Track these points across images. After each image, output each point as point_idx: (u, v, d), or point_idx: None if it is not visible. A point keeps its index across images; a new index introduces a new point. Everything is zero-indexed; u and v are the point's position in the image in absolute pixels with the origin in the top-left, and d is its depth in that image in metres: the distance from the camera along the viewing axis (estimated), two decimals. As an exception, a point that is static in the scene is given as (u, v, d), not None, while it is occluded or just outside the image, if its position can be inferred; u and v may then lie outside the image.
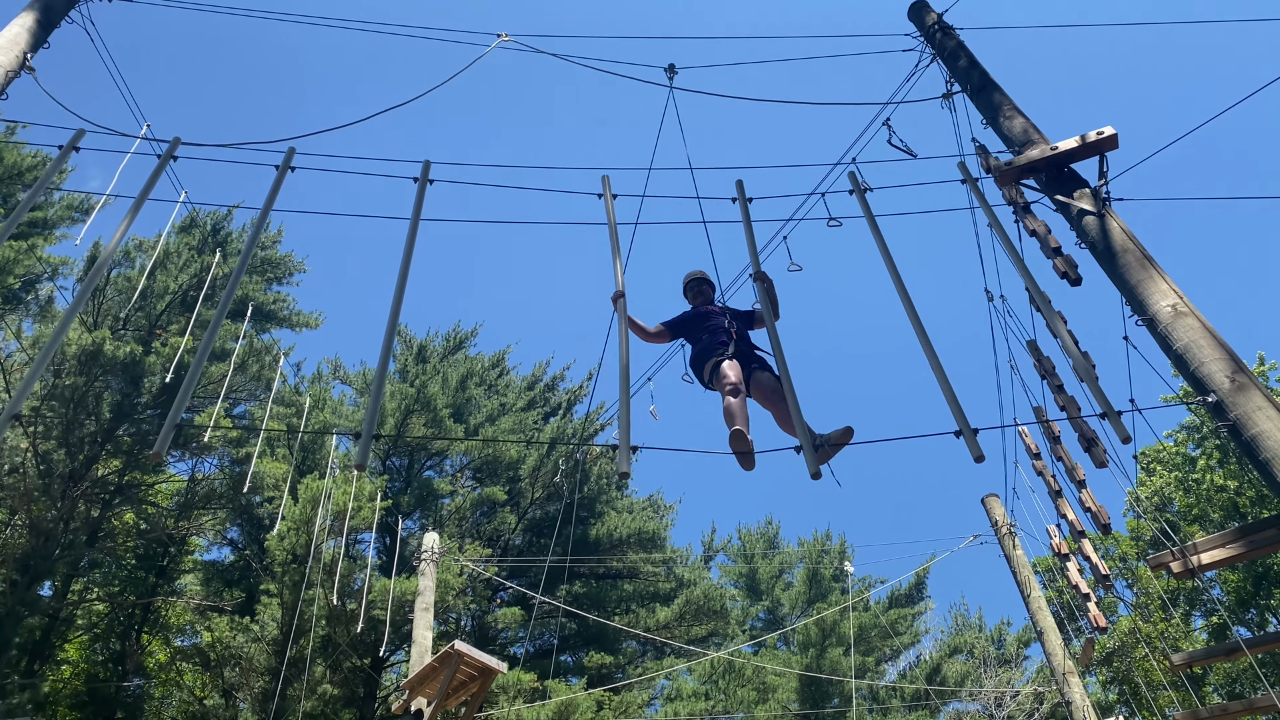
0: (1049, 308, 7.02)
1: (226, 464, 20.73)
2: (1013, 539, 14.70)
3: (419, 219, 6.68)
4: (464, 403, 21.96)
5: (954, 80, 9.05)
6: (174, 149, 7.14)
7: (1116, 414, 5.69)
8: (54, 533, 16.60)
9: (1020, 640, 29.98)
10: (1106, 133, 7.09)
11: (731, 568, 29.66)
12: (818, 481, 5.22)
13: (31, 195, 6.91)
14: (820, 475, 5.20)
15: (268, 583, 18.03)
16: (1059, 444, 10.19)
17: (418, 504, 20.21)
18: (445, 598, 16.68)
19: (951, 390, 5.68)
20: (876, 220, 7.37)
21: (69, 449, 17.27)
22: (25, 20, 8.20)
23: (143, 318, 18.76)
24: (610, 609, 20.39)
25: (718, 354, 6.41)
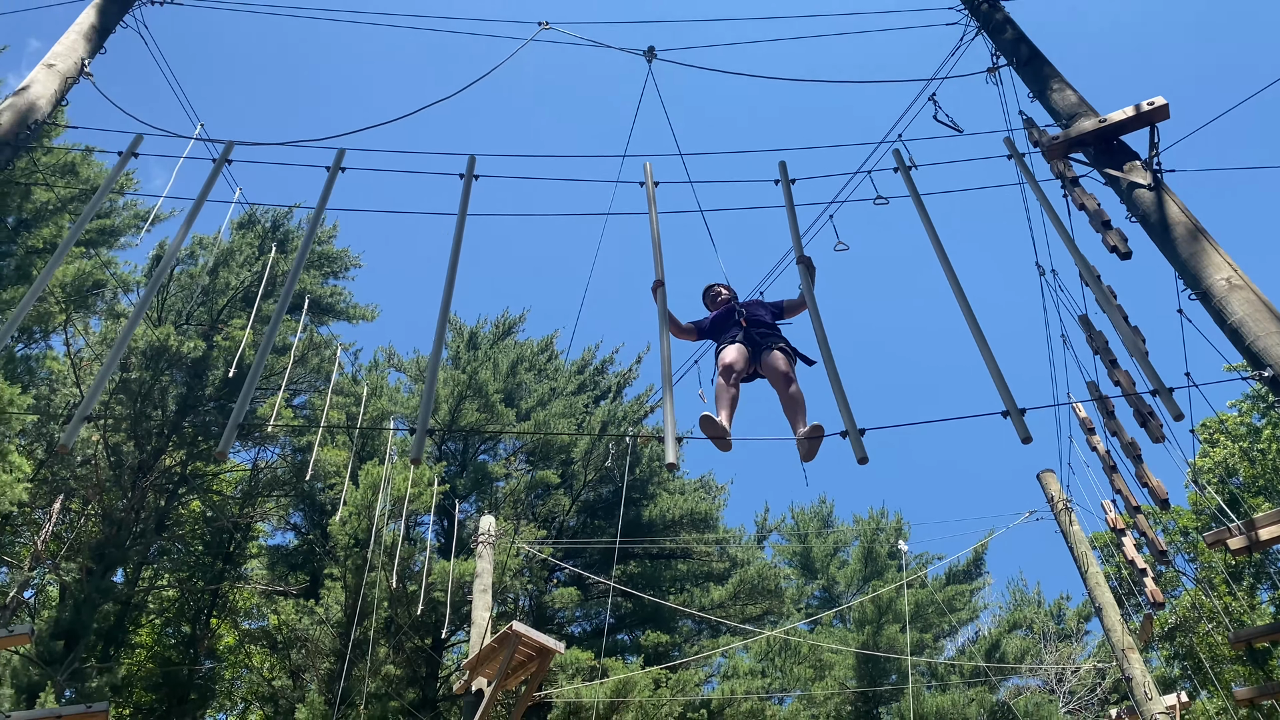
0: (1098, 283, 6.95)
1: (288, 452, 21.26)
2: (1069, 515, 14.55)
3: (466, 214, 6.81)
4: (515, 387, 22.24)
5: (1000, 54, 8.93)
6: (228, 153, 7.33)
7: (1169, 391, 5.63)
8: (125, 522, 17.18)
9: (1080, 615, 29.63)
10: (1157, 103, 6.96)
11: (785, 547, 29.68)
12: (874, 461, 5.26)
13: (96, 200, 7.16)
14: (867, 459, 5.25)
15: (331, 566, 18.49)
16: (1113, 419, 10.07)
17: (473, 487, 20.53)
18: (502, 579, 16.97)
19: (999, 371, 5.67)
20: (922, 198, 7.36)
21: (137, 441, 17.85)
22: (81, 26, 8.44)
23: (205, 313, 19.28)
24: (665, 589, 20.57)
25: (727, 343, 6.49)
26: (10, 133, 7.00)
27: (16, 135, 7.04)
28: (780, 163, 7.60)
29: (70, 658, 15.01)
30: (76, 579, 16.71)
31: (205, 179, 7.13)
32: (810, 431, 5.62)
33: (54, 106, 7.62)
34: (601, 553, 20.61)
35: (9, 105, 7.24)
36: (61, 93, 7.81)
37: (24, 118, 7.21)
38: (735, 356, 6.27)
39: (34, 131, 7.31)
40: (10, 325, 6.21)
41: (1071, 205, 7.75)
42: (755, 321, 6.67)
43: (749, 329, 6.56)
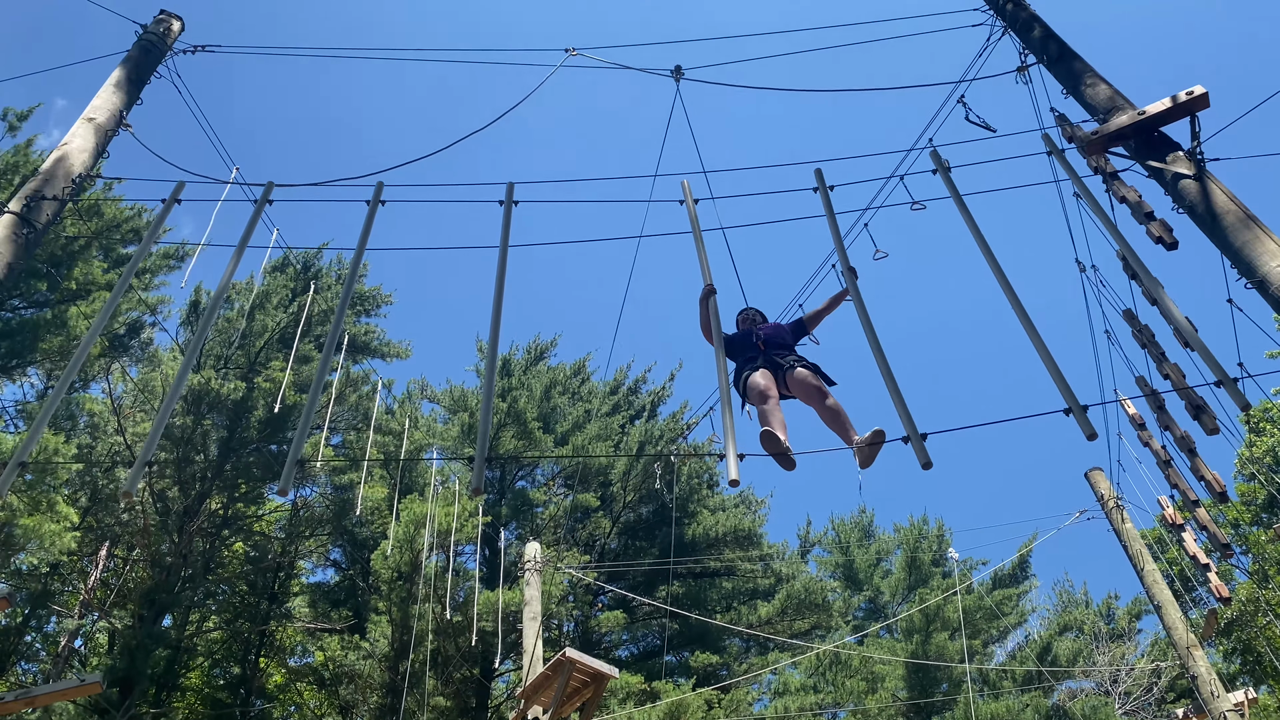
0: (1148, 274, 6.87)
1: (328, 490, 21.37)
2: (1120, 512, 14.35)
3: (508, 242, 6.84)
4: (549, 412, 22.28)
5: (1029, 52, 8.89)
6: (269, 193, 7.41)
7: (1233, 380, 5.55)
8: (174, 567, 17.31)
9: (1130, 614, 29.17)
10: (1196, 92, 6.89)
11: (828, 559, 29.46)
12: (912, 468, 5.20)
13: (143, 247, 7.25)
14: (931, 465, 5.19)
15: (376, 600, 18.54)
16: (1164, 413, 9.93)
17: (513, 514, 20.55)
18: (548, 605, 16.93)
19: (1058, 368, 5.60)
20: (953, 200, 7.32)
21: (181, 486, 18.00)
22: (116, 78, 8.58)
23: (243, 356, 19.47)
24: (711, 608, 20.45)
25: (748, 368, 6.48)
26: (56, 188, 7.11)
27: (63, 190, 7.15)
28: (816, 170, 7.61)
29: (127, 704, 15.10)
30: (128, 625, 16.82)
31: (239, 221, 7.23)
32: (871, 437, 5.56)
33: (96, 159, 7.74)
34: (644, 574, 20.53)
35: (55, 160, 7.37)
36: (102, 145, 7.94)
37: (69, 172, 7.33)
38: (765, 383, 6.25)
39: (79, 185, 7.43)
40: (63, 383, 6.29)
41: (1112, 199, 7.68)
42: (772, 343, 6.65)
43: (767, 351, 6.54)
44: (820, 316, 7.16)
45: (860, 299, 6.15)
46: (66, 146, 7.54)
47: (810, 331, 7.17)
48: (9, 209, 6.78)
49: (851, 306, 6.38)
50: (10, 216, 6.70)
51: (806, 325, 7.14)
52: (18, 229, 6.65)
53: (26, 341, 16.63)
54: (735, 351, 6.86)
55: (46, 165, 7.33)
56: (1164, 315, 7.13)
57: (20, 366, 17.50)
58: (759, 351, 6.59)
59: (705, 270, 6.92)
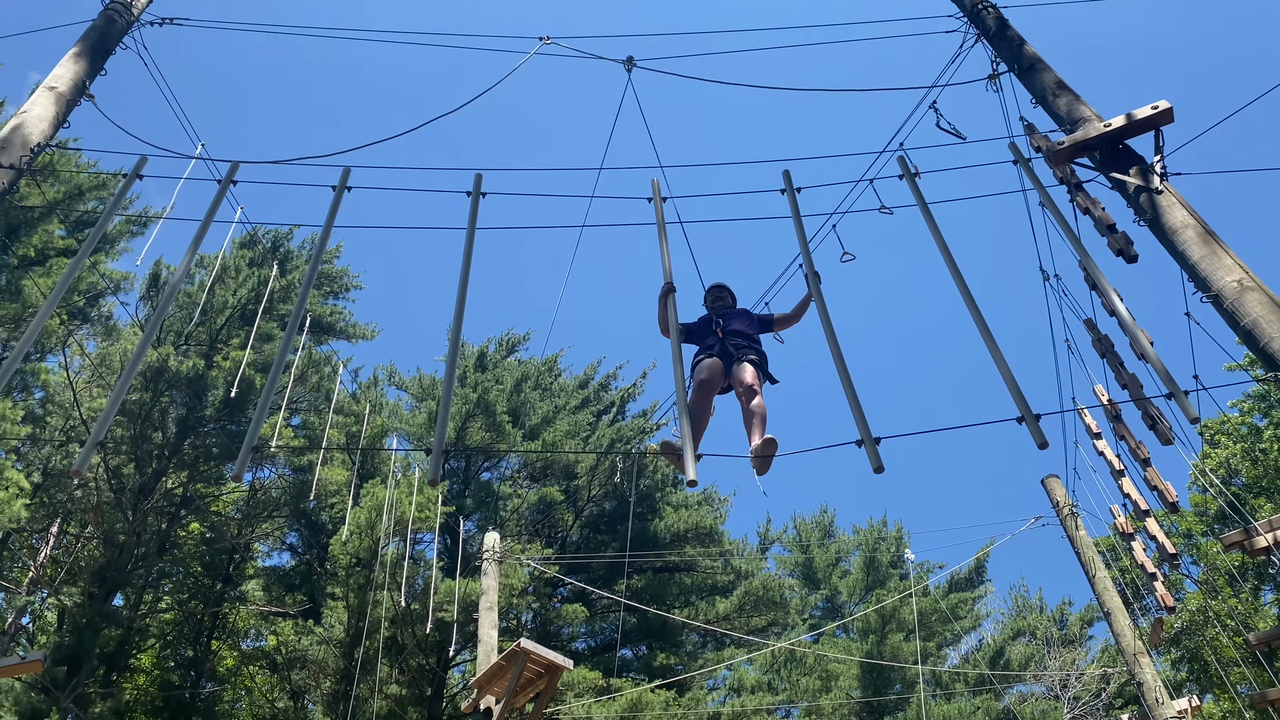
0: (1106, 285, 6.94)
1: (285, 472, 21.14)
2: (1075, 519, 14.53)
3: (474, 230, 6.78)
4: (520, 405, 22.19)
5: (1000, 60, 8.94)
6: (234, 172, 7.29)
7: (1184, 393, 5.62)
8: (127, 545, 17.06)
9: (1083, 620, 29.64)
10: (1161, 107, 6.98)
11: (788, 558, 29.62)
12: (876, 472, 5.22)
13: (102, 223, 7.12)
14: (883, 468, 5.21)
15: (332, 586, 18.39)
16: (1120, 422, 10.06)
17: (477, 506, 20.46)
18: (508, 597, 16.88)
19: (1012, 376, 5.65)
20: (919, 206, 7.36)
21: (138, 463, 17.74)
22: (80, 47, 8.42)
23: (204, 333, 19.20)
24: (670, 603, 20.49)
25: (705, 354, 6.47)
26: (13, 156, 6.96)
27: (20, 158, 7.01)
28: (784, 172, 7.61)
29: (74, 683, 14.87)
30: (78, 603, 16.57)
31: (205, 197, 7.11)
32: (762, 448, 5.55)
33: (56, 129, 7.59)
34: (605, 568, 20.54)
35: (11, 128, 7.21)
36: (63, 115, 7.79)
37: (26, 140, 7.18)
38: (708, 375, 6.25)
39: (36, 154, 7.28)
40: (18, 353, 6.17)
41: (1077, 210, 7.76)
42: (732, 332, 6.60)
43: (724, 340, 6.52)
44: (788, 321, 7.14)
45: (823, 303, 6.16)
46: (24, 115, 7.39)
47: (776, 332, 7.18)
48: (-37, 176, 6.64)
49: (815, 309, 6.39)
50: (-36, 184, 6.56)
51: (774, 325, 7.13)
52: (-29, 197, 6.51)
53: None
54: (697, 338, 6.85)
55: (2, 133, 7.18)
56: (1121, 326, 7.23)
57: (-27, 337, 17.17)
58: (717, 339, 6.57)
59: (666, 268, 6.91)
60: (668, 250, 7.07)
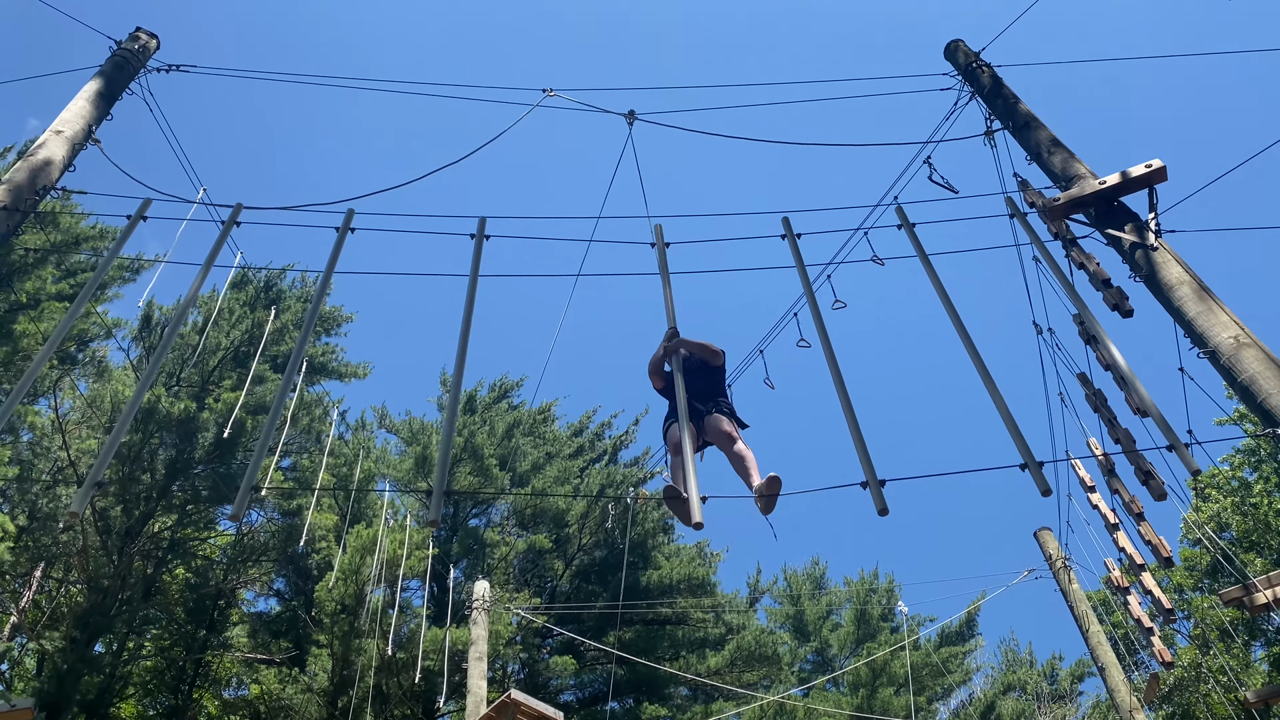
0: (1105, 339, 7.02)
1: (274, 516, 20.95)
2: (1068, 573, 14.50)
3: (477, 273, 6.84)
4: (510, 452, 22.09)
5: (994, 117, 9.12)
6: (237, 214, 7.35)
7: (1184, 445, 5.66)
8: (111, 590, 16.83)
9: (1073, 675, 29.42)
10: (1155, 165, 7.13)
11: (778, 610, 29.37)
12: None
13: (104, 266, 7.15)
14: (887, 511, 5.22)
15: (317, 633, 18.14)
16: (1114, 476, 10.09)
17: (465, 552, 20.28)
18: (496, 646, 16.67)
19: (1014, 423, 5.69)
20: (918, 257, 7.47)
21: (125, 505, 17.56)
22: (89, 92, 8.51)
23: (195, 374, 19.12)
24: (660, 655, 20.25)
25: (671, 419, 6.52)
26: (19, 199, 7.00)
27: (26, 201, 7.04)
28: (784, 219, 7.75)
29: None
30: (59, 648, 16.28)
31: (203, 240, 7.16)
32: (767, 486, 5.54)
33: (63, 172, 7.64)
34: (595, 619, 20.31)
35: (18, 169, 7.26)
36: (69, 159, 7.85)
37: (34, 182, 7.23)
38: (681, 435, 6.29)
39: (42, 196, 7.32)
40: (13, 398, 6.14)
41: (1071, 265, 7.86)
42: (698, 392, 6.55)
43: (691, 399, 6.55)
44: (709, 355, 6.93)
45: (830, 347, 6.22)
46: (32, 158, 7.44)
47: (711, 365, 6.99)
48: (-32, 216, 6.67)
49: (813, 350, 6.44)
50: (-31, 224, 6.59)
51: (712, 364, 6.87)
52: (-24, 237, 6.53)
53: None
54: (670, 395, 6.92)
55: (11, 175, 7.22)
56: (1118, 380, 7.29)
57: (-37, 378, 17.04)
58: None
59: (670, 313, 6.99)
60: (670, 295, 7.14)
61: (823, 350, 6.19)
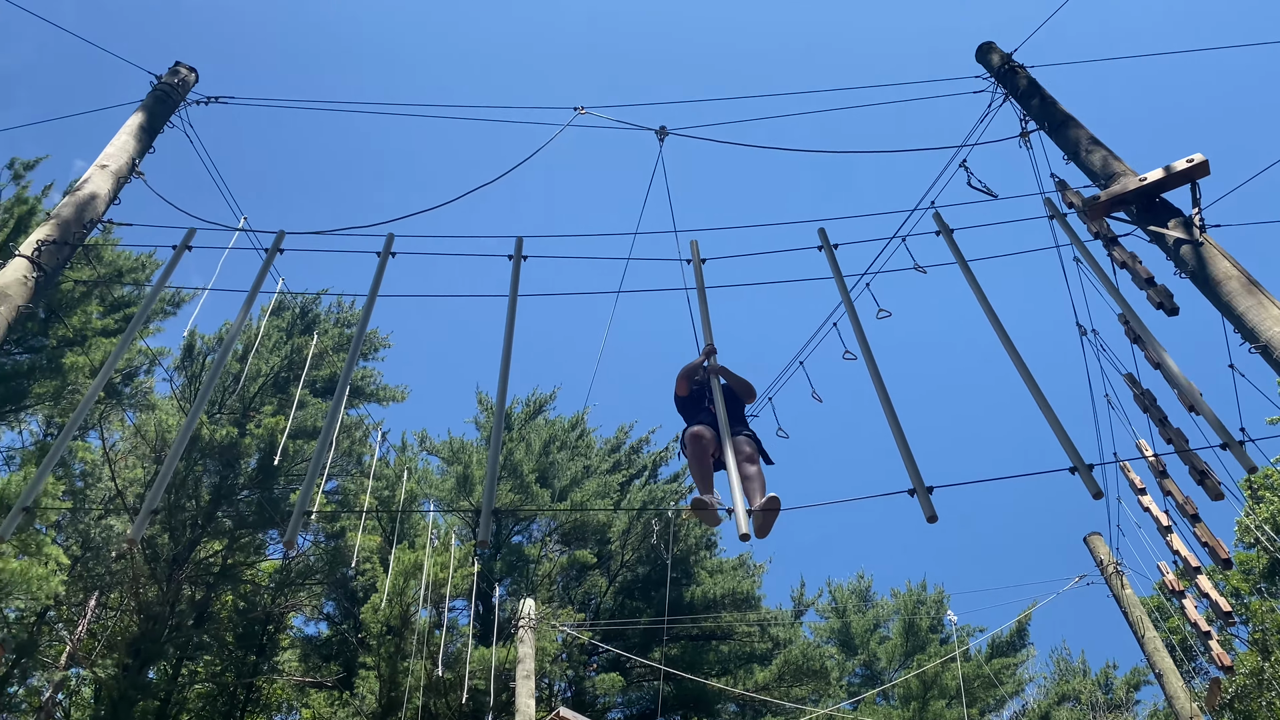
0: (1151, 338, 6.91)
1: (321, 539, 21.14)
2: (1120, 578, 14.23)
3: (517, 293, 6.87)
4: (548, 466, 22.15)
5: (1029, 118, 9.02)
6: (279, 242, 7.44)
7: (1239, 443, 5.55)
8: (161, 616, 17.05)
9: (1129, 683, 28.79)
10: (1197, 159, 7.00)
11: (823, 625, 29.08)
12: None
13: (152, 295, 7.27)
14: (936, 518, 5.16)
15: (364, 655, 18.24)
16: (1166, 477, 9.91)
17: (508, 570, 20.32)
18: (542, 664, 16.67)
19: (1061, 427, 5.61)
20: (956, 261, 7.39)
21: (172, 533, 17.81)
22: (131, 127, 8.68)
23: (237, 401, 19.39)
24: (708, 671, 20.13)
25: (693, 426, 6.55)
26: (68, 233, 7.15)
27: (74, 235, 7.19)
28: (820, 230, 7.73)
29: (108, 758, 14.75)
30: (112, 676, 16.51)
31: (243, 268, 7.26)
32: (766, 503, 5.49)
33: (108, 205, 7.80)
34: (641, 635, 20.24)
35: (66, 206, 7.42)
36: (114, 192, 8.00)
37: (80, 216, 7.38)
38: (701, 430, 6.36)
39: (90, 229, 7.47)
40: (66, 432, 6.26)
41: (1114, 264, 7.75)
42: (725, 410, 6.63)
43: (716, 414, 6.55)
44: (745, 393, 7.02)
45: (871, 356, 6.18)
46: (78, 193, 7.60)
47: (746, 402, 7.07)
48: (20, 253, 6.81)
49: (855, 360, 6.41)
50: (21, 260, 6.73)
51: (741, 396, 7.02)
52: (29, 272, 6.68)
53: (21, 386, 16.55)
54: (689, 409, 6.95)
55: (59, 210, 7.39)
56: (1167, 379, 7.16)
57: (15, 412, 17.39)
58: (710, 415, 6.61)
59: (707, 328, 6.99)
60: (707, 311, 7.14)
61: (864, 360, 6.15)
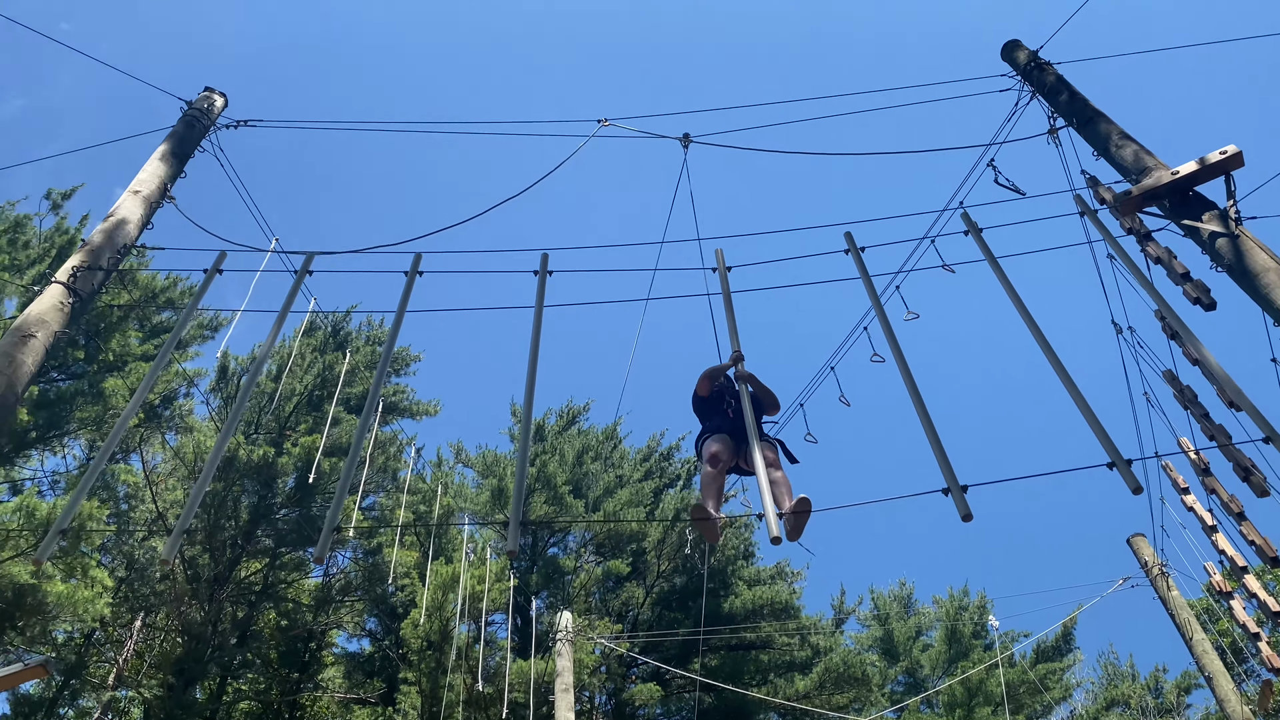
0: (1190, 334, 6.79)
1: (359, 555, 21.30)
2: (1166, 579, 13.96)
3: (542, 307, 6.88)
4: (581, 477, 22.17)
5: (1057, 115, 8.91)
6: (309, 263, 7.52)
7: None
8: (204, 636, 17.24)
9: (1179, 687, 28.18)
10: (1230, 151, 6.88)
11: (865, 635, 28.80)
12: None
13: (184, 317, 7.37)
14: (971, 516, 5.06)
15: (405, 670, 18.33)
16: (1209, 475, 9.72)
17: (544, 582, 20.34)
18: (580, 676, 16.65)
19: (1097, 420, 5.52)
20: (985, 261, 7.31)
21: (212, 553, 18.02)
22: (162, 152, 8.82)
23: (272, 420, 19.61)
24: (747, 681, 20.00)
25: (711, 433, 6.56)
26: (103, 258, 7.27)
27: (108, 259, 7.31)
28: (847, 234, 7.67)
29: (155, 777, 14.92)
30: (158, 696, 16.71)
31: (274, 288, 7.34)
32: (796, 505, 5.41)
33: (141, 230, 7.92)
34: (679, 646, 20.15)
35: (100, 232, 7.54)
36: (147, 217, 8.12)
37: (114, 241, 7.50)
38: (719, 448, 6.34)
39: (123, 254, 7.59)
40: (103, 454, 6.36)
41: (1148, 260, 7.62)
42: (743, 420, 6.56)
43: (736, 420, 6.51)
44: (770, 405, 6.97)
45: (902, 357, 6.12)
46: (112, 218, 7.73)
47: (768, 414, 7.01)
48: (56, 279, 6.93)
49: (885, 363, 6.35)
50: (57, 286, 6.85)
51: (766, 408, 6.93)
52: (64, 298, 6.79)
53: (64, 412, 16.85)
54: (706, 411, 6.90)
55: (93, 236, 7.51)
56: (1206, 375, 7.03)
57: (58, 437, 17.70)
58: (727, 419, 6.62)
59: (734, 336, 6.96)
60: (733, 318, 7.12)
61: (895, 363, 6.08)
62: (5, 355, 6.26)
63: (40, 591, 13.01)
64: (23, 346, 6.37)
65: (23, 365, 6.29)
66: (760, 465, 5.39)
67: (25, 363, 6.32)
